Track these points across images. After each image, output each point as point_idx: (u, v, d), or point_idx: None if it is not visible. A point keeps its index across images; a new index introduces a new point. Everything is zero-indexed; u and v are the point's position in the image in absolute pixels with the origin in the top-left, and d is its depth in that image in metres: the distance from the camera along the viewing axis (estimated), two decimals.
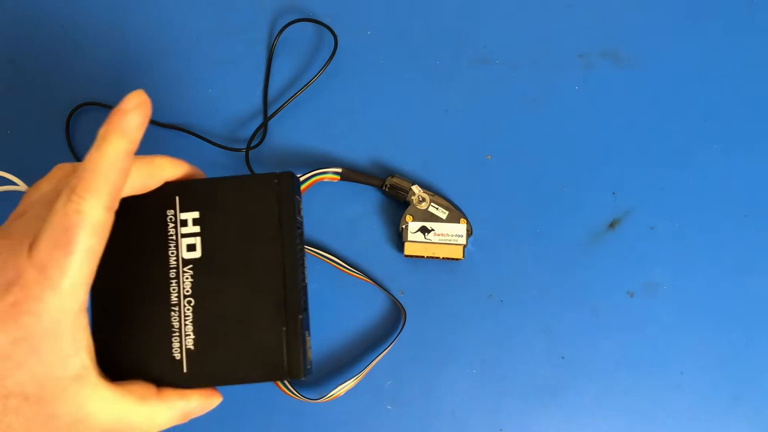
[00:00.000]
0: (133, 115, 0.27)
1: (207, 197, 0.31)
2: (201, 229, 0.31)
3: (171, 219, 0.31)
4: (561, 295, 0.45)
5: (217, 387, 0.32)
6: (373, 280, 0.45)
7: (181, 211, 0.31)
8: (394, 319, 0.45)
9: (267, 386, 0.44)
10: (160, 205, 0.31)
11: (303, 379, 0.31)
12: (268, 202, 0.31)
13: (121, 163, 0.26)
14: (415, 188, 0.45)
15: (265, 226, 0.31)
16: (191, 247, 0.31)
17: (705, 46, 0.48)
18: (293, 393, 0.43)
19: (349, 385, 0.43)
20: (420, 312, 0.45)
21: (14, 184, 0.46)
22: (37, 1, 0.51)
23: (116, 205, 0.27)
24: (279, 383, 0.43)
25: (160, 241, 0.31)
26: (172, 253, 0.31)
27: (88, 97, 0.49)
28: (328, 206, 0.47)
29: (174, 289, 0.31)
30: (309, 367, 0.32)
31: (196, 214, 0.31)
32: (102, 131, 0.26)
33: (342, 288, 0.45)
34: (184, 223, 0.31)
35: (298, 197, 0.33)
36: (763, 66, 0.47)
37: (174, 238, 0.31)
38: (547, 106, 0.47)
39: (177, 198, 0.31)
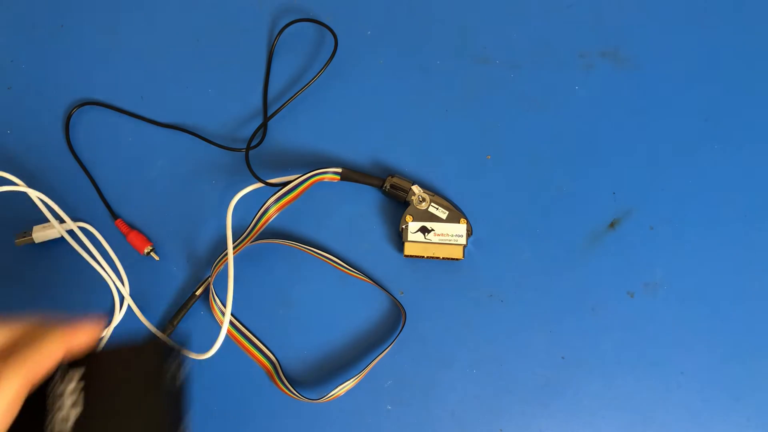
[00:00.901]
0: (84, 339, 0.29)
1: (88, 368, 0.30)
2: (80, 399, 0.30)
3: (50, 389, 0.30)
4: (561, 295, 0.45)
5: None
6: (373, 280, 0.45)
7: (61, 381, 0.30)
8: (394, 319, 0.45)
9: (267, 386, 0.44)
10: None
11: None
12: (147, 372, 0.30)
13: (50, 364, 0.28)
14: (415, 188, 0.45)
15: (145, 395, 0.30)
16: (66, 419, 0.29)
17: (705, 46, 0.48)
18: (293, 393, 0.43)
19: (349, 385, 0.43)
20: (420, 312, 0.45)
21: (14, 184, 0.46)
22: (37, 1, 0.51)
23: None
24: (279, 383, 0.43)
25: (38, 413, 0.29)
26: (48, 427, 0.29)
27: (88, 97, 0.49)
28: (328, 206, 0.47)
29: None
30: None
31: (74, 385, 0.30)
32: (55, 335, 0.28)
33: (342, 288, 0.45)
34: (61, 393, 0.30)
35: (179, 361, 0.32)
36: (763, 66, 0.47)
37: (52, 409, 0.30)
38: (547, 106, 0.47)
39: (58, 369, 0.30)
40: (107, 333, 0.45)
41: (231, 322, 0.45)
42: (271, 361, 0.44)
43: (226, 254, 0.43)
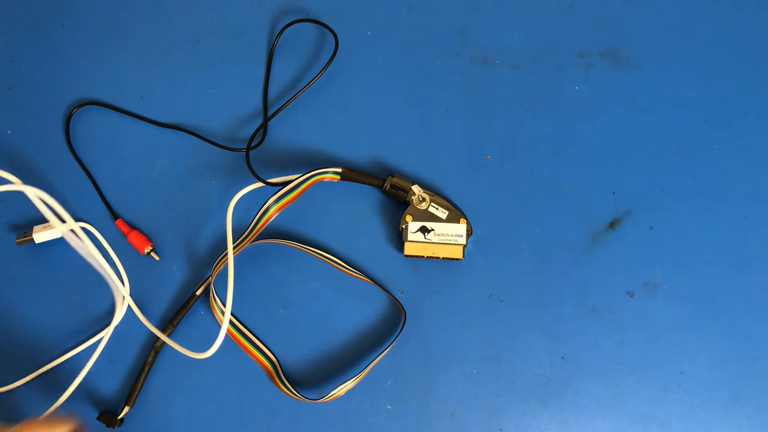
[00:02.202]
0: None
1: None
2: None
3: None
4: (561, 295, 0.45)
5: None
6: (373, 280, 0.45)
7: None
8: (394, 319, 0.45)
9: (267, 386, 0.44)
10: None
11: None
12: None
13: None
14: (415, 188, 0.45)
15: None
16: None
17: (705, 46, 0.48)
18: (293, 393, 0.43)
19: (349, 385, 0.43)
20: (420, 312, 0.45)
21: (10, 182, 0.46)
22: (37, 1, 0.51)
23: None
24: (279, 383, 0.43)
25: None
26: None
27: (88, 97, 0.49)
28: (328, 206, 0.47)
29: None
30: None
31: None
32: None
33: (342, 288, 0.45)
34: None
35: None
36: (763, 66, 0.47)
37: None
38: (547, 106, 0.47)
39: None
40: (107, 333, 0.45)
41: (231, 322, 0.45)
42: (271, 361, 0.44)
43: (227, 254, 0.43)
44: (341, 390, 0.43)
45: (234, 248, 0.44)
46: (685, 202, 0.45)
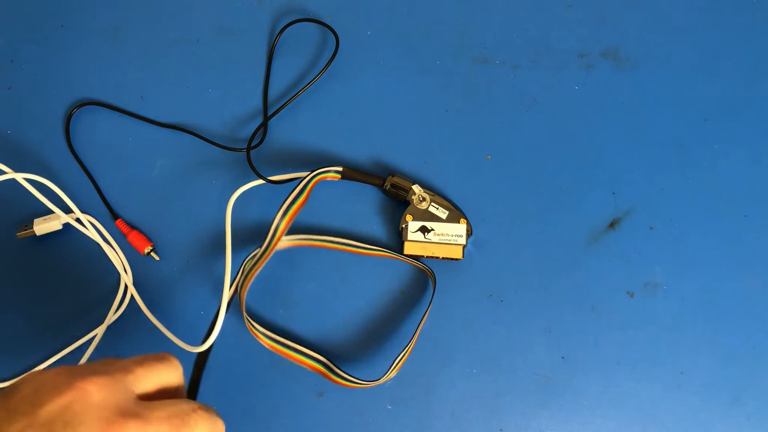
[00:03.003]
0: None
1: None
2: None
3: None
4: (561, 295, 0.45)
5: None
6: (392, 252, 0.44)
7: None
8: (395, 320, 0.45)
9: (267, 385, 0.44)
10: None
11: None
12: None
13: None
14: (416, 188, 0.45)
15: None
16: None
17: (705, 46, 0.48)
18: (353, 382, 0.42)
19: (400, 362, 0.42)
20: (420, 312, 0.45)
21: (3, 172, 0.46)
22: (37, 1, 0.51)
23: None
24: (336, 379, 0.43)
25: None
26: None
27: (88, 97, 0.49)
28: (329, 205, 0.47)
29: None
30: None
31: None
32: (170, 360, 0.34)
33: (343, 288, 0.45)
34: None
35: None
36: (763, 66, 0.47)
37: None
38: (547, 106, 0.47)
39: None
40: (110, 319, 0.45)
41: (273, 339, 0.43)
42: (322, 362, 0.43)
43: (255, 262, 0.43)
44: (395, 369, 0.42)
45: (254, 266, 0.44)
46: (685, 202, 0.45)
